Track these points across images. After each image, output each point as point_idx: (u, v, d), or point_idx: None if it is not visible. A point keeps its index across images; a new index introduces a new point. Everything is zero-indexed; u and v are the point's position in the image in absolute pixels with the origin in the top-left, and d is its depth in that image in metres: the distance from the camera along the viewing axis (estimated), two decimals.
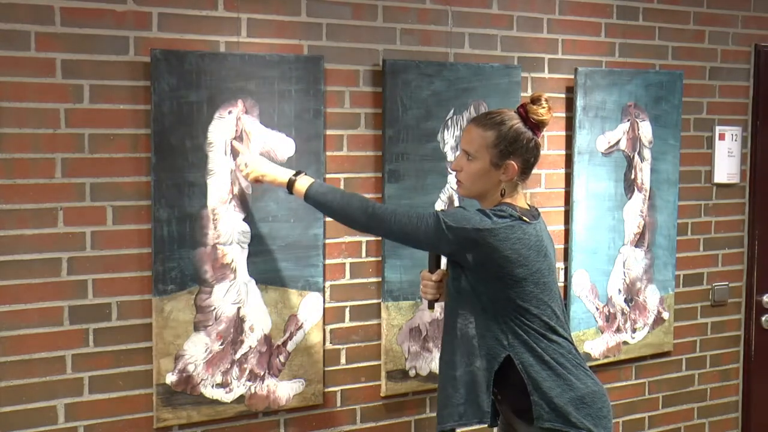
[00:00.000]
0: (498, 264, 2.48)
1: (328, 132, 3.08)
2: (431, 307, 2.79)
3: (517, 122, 2.54)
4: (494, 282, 2.51)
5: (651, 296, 3.81)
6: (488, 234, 2.46)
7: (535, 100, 2.55)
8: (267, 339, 3.00)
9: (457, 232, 2.48)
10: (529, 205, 2.64)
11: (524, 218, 2.53)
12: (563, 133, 3.58)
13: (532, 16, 3.47)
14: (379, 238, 3.18)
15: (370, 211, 2.55)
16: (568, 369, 2.53)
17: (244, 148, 2.84)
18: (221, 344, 2.92)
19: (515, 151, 2.53)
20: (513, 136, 2.52)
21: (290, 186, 2.67)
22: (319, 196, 2.62)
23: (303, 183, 2.65)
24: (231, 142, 2.84)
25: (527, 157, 2.56)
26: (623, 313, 3.75)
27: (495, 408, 2.67)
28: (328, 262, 3.10)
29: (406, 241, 2.60)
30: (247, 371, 2.97)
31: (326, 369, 3.14)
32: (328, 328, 3.14)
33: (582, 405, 2.50)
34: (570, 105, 3.55)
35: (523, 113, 2.54)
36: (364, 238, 3.18)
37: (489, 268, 2.49)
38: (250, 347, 2.97)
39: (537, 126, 2.56)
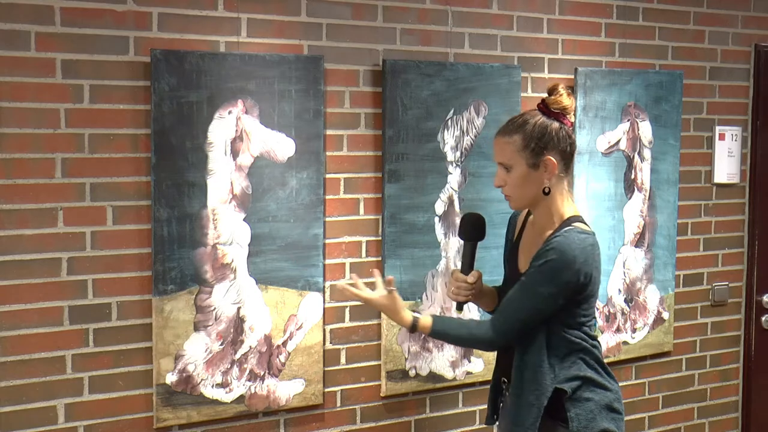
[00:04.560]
0: (584, 285, 2.42)
1: (328, 132, 3.08)
2: (460, 309, 2.67)
3: (539, 117, 2.46)
4: (570, 302, 2.43)
5: (651, 296, 3.81)
6: (588, 266, 2.40)
7: (551, 91, 2.49)
8: (267, 339, 3.00)
9: (569, 288, 2.39)
10: None
11: (591, 229, 2.49)
12: None
13: (532, 16, 3.47)
14: (379, 238, 3.18)
15: (493, 330, 2.45)
16: (601, 374, 2.51)
17: (367, 292, 2.60)
18: (221, 344, 2.92)
19: (547, 144, 2.44)
20: (540, 131, 2.44)
21: (413, 327, 2.54)
22: (441, 334, 2.53)
23: (425, 323, 2.52)
24: (345, 287, 2.60)
25: (562, 147, 2.46)
26: (623, 313, 3.75)
27: (495, 405, 2.67)
28: (328, 262, 3.10)
29: (538, 326, 2.46)
30: (247, 371, 2.97)
31: (326, 369, 3.14)
32: (328, 328, 3.14)
33: (611, 410, 2.49)
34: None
35: (543, 107, 2.48)
36: (364, 238, 3.18)
37: (575, 291, 2.42)
38: (250, 347, 2.97)
39: (561, 114, 2.47)
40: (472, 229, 2.64)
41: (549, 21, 3.51)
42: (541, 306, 2.40)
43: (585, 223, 2.50)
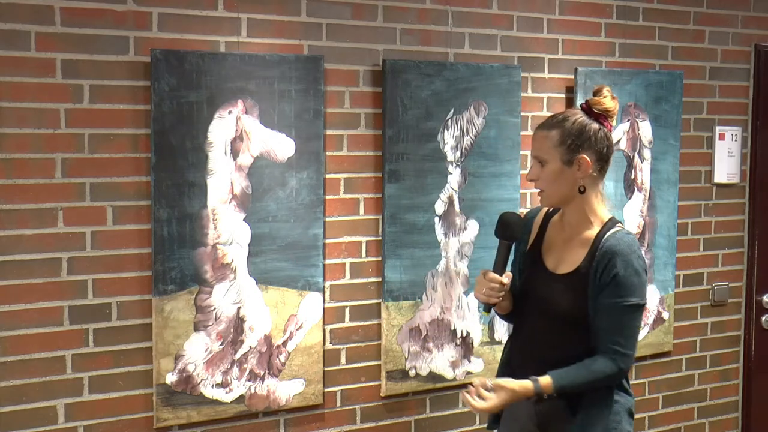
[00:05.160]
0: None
1: (328, 132, 3.08)
2: (488, 311, 2.56)
3: (580, 116, 2.45)
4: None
5: (651, 296, 3.81)
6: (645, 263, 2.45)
7: (596, 92, 2.48)
8: (267, 339, 3.00)
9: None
10: None
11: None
12: None
13: (532, 16, 3.47)
14: (379, 238, 3.18)
15: (621, 361, 2.41)
16: (626, 378, 2.51)
17: (485, 403, 2.41)
18: (221, 344, 2.92)
19: (584, 143, 2.42)
20: (578, 129, 2.43)
21: (539, 393, 2.42)
22: (567, 387, 2.42)
23: (546, 384, 2.40)
24: (478, 387, 2.42)
25: (598, 148, 2.44)
26: None
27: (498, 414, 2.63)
28: (328, 262, 3.10)
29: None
30: (247, 371, 2.97)
31: (326, 369, 3.14)
32: (328, 328, 3.14)
33: (630, 415, 2.50)
34: (570, 105, 3.55)
35: (586, 107, 2.47)
36: (364, 238, 3.18)
37: None
38: (250, 347, 2.97)
39: (602, 116, 2.46)
40: (510, 229, 2.56)
41: (549, 21, 3.51)
42: (641, 312, 2.43)
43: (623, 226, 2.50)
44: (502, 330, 3.44)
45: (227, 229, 2.90)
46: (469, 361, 3.39)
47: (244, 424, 3.01)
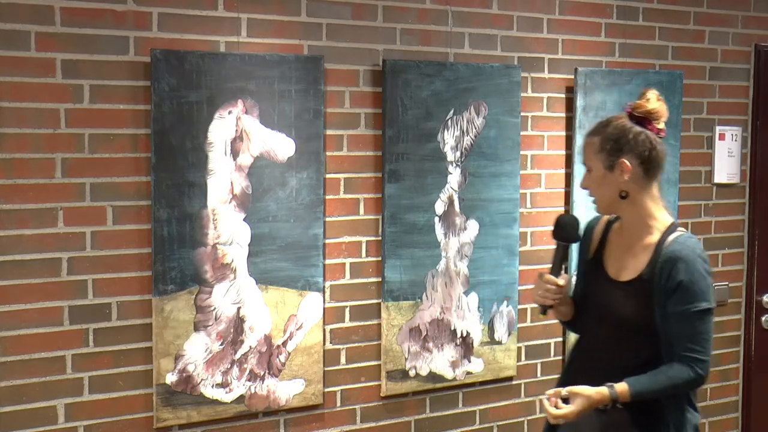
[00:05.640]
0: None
1: (328, 132, 3.08)
2: (544, 313, 2.55)
3: (622, 120, 2.43)
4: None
5: None
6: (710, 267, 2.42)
7: (640, 95, 2.47)
8: (267, 339, 3.00)
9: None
10: None
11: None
12: (563, 133, 3.58)
13: (532, 16, 3.47)
14: (379, 238, 3.18)
15: (698, 367, 2.37)
16: (694, 394, 2.48)
17: (563, 411, 2.37)
18: (221, 344, 2.92)
19: (623, 147, 2.39)
20: (617, 134, 2.40)
21: (614, 400, 2.37)
22: (643, 393, 2.37)
23: (623, 390, 2.36)
24: (552, 399, 2.40)
25: (640, 150, 2.39)
26: None
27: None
28: (328, 262, 3.10)
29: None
30: (247, 371, 2.97)
31: (326, 369, 3.14)
32: (328, 328, 3.14)
33: (696, 431, 2.47)
34: (570, 105, 3.55)
35: (630, 110, 2.45)
36: (364, 238, 3.18)
37: None
38: (250, 347, 2.97)
39: (645, 119, 2.42)
40: (565, 230, 2.55)
41: (549, 21, 3.51)
42: (712, 315, 2.38)
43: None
44: (502, 330, 3.44)
45: (227, 229, 2.90)
46: (469, 361, 3.39)
47: (244, 424, 3.01)
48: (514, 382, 3.55)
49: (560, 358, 3.65)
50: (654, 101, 2.43)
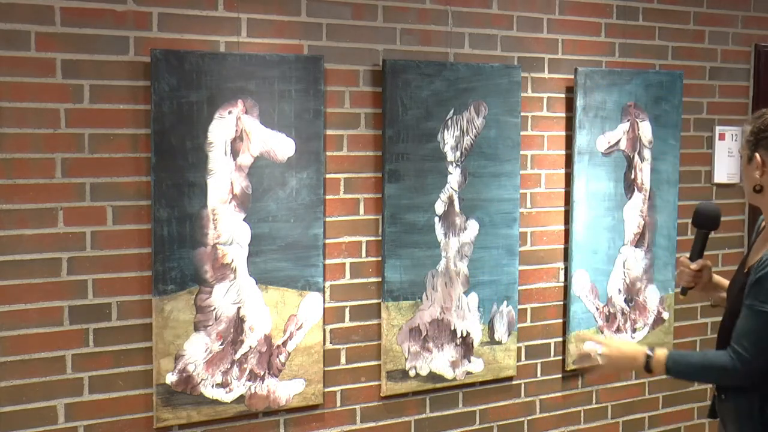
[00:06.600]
0: None
1: (328, 132, 3.08)
2: (684, 293, 2.67)
3: None
4: None
5: (651, 296, 3.81)
6: None
7: None
8: (267, 339, 3.00)
9: None
10: None
11: None
12: (563, 133, 3.58)
13: (532, 16, 3.47)
14: (379, 238, 3.18)
15: (733, 361, 2.29)
16: None
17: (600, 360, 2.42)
18: (221, 344, 2.92)
19: (759, 141, 2.33)
20: (761, 127, 2.33)
21: (647, 364, 2.37)
22: (681, 364, 2.36)
23: (661, 352, 2.37)
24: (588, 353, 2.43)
25: None
26: (623, 313, 3.75)
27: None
28: (328, 262, 3.10)
29: None
30: (247, 371, 2.97)
31: (326, 369, 3.14)
32: (328, 328, 3.14)
33: None
34: (570, 105, 3.55)
35: None
36: (364, 238, 3.18)
37: None
38: (250, 347, 2.97)
39: None
40: (703, 218, 2.62)
41: (549, 21, 3.51)
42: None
43: None
44: (502, 330, 3.44)
45: (227, 229, 2.90)
46: (469, 361, 3.39)
47: (244, 424, 3.01)
48: (514, 382, 3.55)
49: (560, 358, 3.65)
50: None
